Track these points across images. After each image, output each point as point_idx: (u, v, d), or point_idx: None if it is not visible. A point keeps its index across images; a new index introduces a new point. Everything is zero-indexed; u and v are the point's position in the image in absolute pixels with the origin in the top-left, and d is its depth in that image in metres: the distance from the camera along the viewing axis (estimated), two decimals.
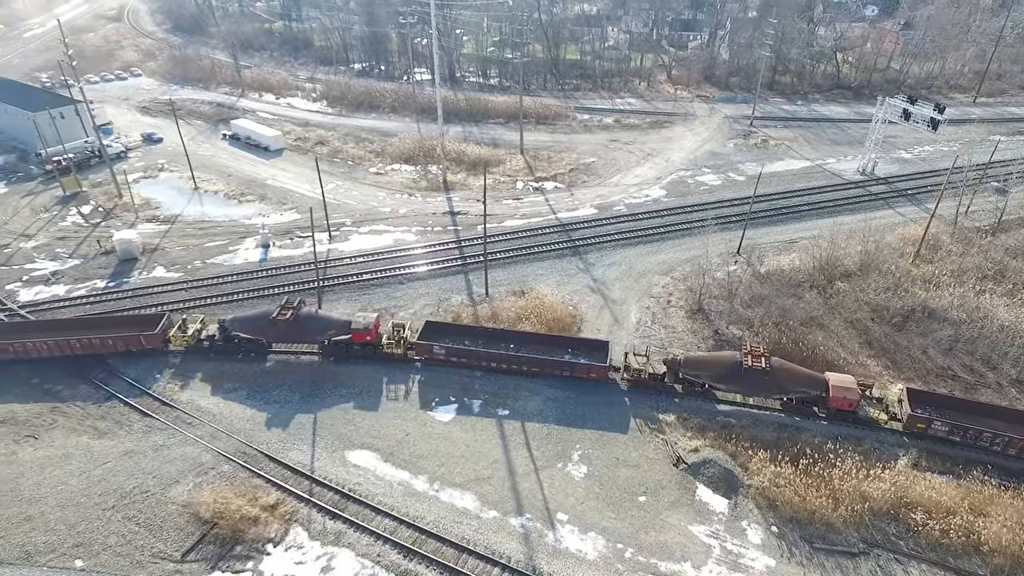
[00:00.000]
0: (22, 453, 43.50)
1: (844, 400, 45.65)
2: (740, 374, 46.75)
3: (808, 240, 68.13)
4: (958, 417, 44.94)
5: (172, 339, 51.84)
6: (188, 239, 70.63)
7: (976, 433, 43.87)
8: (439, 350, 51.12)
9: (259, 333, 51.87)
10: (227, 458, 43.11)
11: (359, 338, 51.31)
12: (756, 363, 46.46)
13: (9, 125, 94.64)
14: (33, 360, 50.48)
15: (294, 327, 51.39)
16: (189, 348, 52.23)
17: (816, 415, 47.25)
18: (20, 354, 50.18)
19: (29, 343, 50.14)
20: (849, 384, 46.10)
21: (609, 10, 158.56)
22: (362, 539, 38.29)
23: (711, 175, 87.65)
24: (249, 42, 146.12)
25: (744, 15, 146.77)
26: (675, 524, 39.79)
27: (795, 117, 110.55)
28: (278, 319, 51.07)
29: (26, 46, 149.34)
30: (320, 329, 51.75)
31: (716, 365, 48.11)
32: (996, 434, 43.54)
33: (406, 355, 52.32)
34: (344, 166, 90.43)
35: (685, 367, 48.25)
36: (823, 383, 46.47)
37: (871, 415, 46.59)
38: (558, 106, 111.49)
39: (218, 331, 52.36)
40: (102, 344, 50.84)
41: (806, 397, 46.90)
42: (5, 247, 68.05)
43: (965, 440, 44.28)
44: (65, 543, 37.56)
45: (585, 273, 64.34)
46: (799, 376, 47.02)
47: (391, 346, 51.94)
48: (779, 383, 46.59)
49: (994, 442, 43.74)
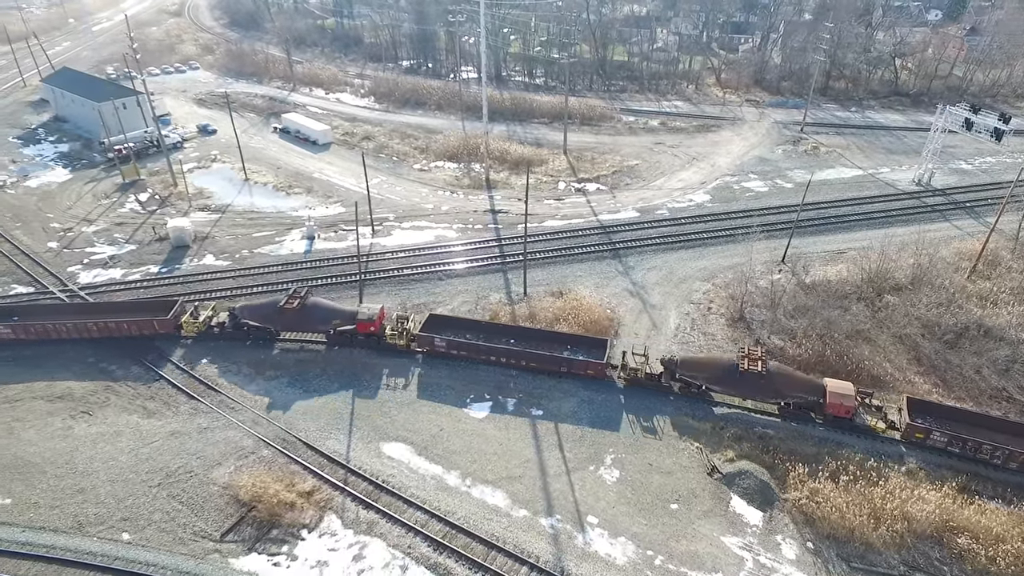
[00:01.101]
0: (77, 428, 45.59)
1: (840, 407, 45.04)
2: (736, 377, 46.55)
3: (857, 251, 66.17)
4: (959, 428, 43.87)
5: (184, 325, 53.56)
6: (237, 228, 72.78)
7: (976, 445, 42.94)
8: (440, 343, 51.73)
9: (267, 321, 53.31)
10: (267, 443, 44.33)
11: (363, 328, 52.29)
12: (752, 366, 46.29)
13: (76, 114, 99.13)
14: (89, 340, 52.89)
15: (301, 316, 52.67)
16: (200, 334, 53.85)
17: (813, 421, 46.63)
18: (41, 335, 52.57)
19: (50, 325, 52.50)
20: (847, 391, 45.48)
21: (659, 11, 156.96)
22: (394, 530, 38.90)
23: (758, 181, 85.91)
24: (302, 38, 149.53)
25: (798, 18, 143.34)
26: (707, 534, 39.23)
27: (848, 124, 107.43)
28: (285, 308, 52.46)
29: (94, 39, 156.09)
30: (326, 318, 52.89)
31: (713, 367, 47.94)
32: (996, 446, 42.55)
33: (408, 347, 53.01)
34: (389, 162, 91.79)
35: (682, 368, 48.22)
36: (820, 389, 45.94)
37: (868, 423, 45.69)
38: (603, 107, 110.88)
39: (228, 318, 53.97)
40: (117, 328, 52.90)
41: (803, 402, 46.36)
42: (68, 231, 71.34)
43: (964, 452, 43.41)
44: (114, 516, 39.23)
45: (624, 276, 63.88)
46: (796, 381, 46.65)
47: (394, 337, 52.82)
48: (775, 387, 46.23)
49: (994, 455, 42.82)
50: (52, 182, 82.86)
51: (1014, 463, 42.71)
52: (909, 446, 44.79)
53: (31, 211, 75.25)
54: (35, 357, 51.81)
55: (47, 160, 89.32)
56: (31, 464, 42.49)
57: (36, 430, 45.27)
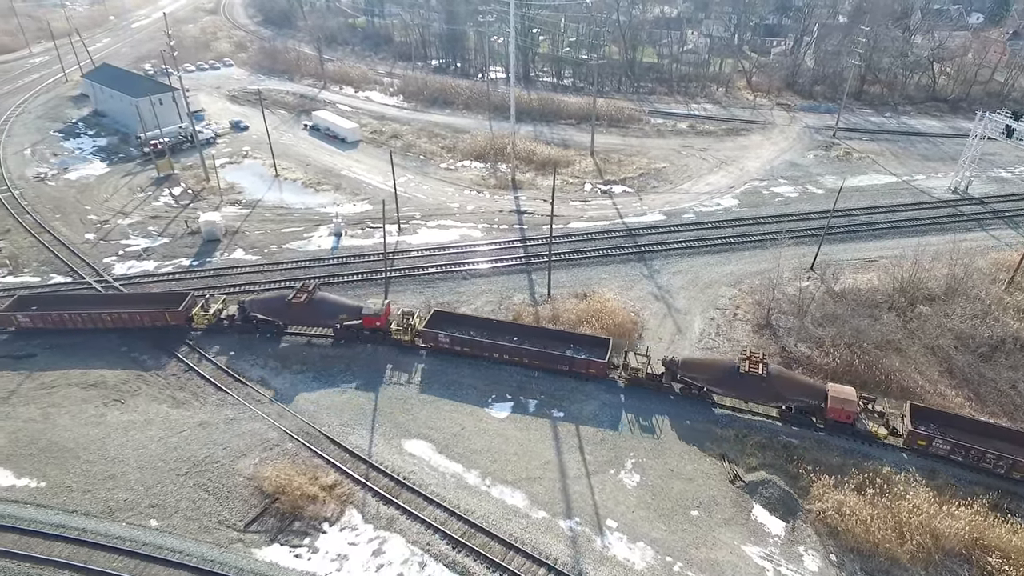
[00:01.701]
0: (109, 416, 46.80)
1: (842, 412, 44.56)
2: (737, 379, 46.32)
3: (889, 259, 64.80)
4: (962, 436, 43.20)
5: (194, 317, 54.55)
6: (267, 224, 73.99)
7: (979, 454, 42.35)
8: (444, 338, 52.08)
9: (275, 315, 54.08)
10: (291, 436, 45.01)
11: (369, 323, 52.85)
12: (753, 369, 46.02)
13: (114, 109, 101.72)
14: (122, 330, 54.27)
15: (308, 310, 53.33)
16: (210, 326, 54.79)
17: (814, 425, 46.19)
18: (58, 324, 53.96)
19: (65, 315, 53.88)
20: (849, 396, 44.91)
21: (690, 13, 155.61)
22: (413, 527, 39.22)
23: (787, 186, 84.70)
24: (333, 36, 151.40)
25: (833, 21, 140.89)
26: (727, 542, 38.84)
27: (882, 129, 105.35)
28: (293, 302, 53.17)
29: (133, 36, 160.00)
30: (333, 313, 53.49)
31: (713, 369, 47.78)
32: (1000, 456, 41.92)
33: (413, 342, 53.44)
34: (416, 160, 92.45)
35: (683, 369, 48.14)
36: (822, 393, 45.50)
37: (870, 429, 45.09)
38: (631, 109, 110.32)
39: (238, 311, 54.89)
40: (130, 319, 54.10)
41: (804, 406, 45.90)
42: (105, 223, 73.23)
43: (967, 460, 42.77)
44: (142, 502, 40.20)
45: (649, 280, 63.49)
46: (797, 384, 46.29)
47: (399, 332, 53.24)
48: (776, 390, 45.94)
49: (997, 464, 42.17)
50: (90, 175, 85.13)
51: (1018, 473, 41.98)
52: (911, 453, 44.21)
53: (70, 203, 77.40)
54: (71, 346, 53.30)
55: (86, 153, 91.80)
56: (65, 449, 43.74)
57: (71, 416, 46.60)
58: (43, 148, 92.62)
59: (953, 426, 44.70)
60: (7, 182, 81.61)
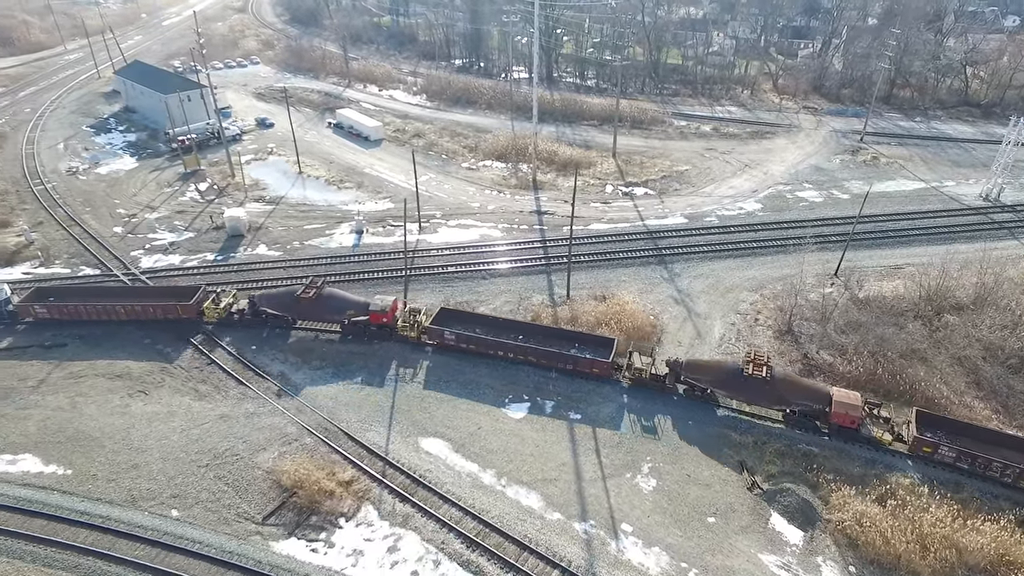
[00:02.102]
0: (134, 406, 47.74)
1: (846, 416, 44.11)
2: (740, 381, 46.18)
3: (916, 267, 63.63)
4: (969, 444, 42.68)
5: (205, 311, 55.35)
6: (289, 220, 74.87)
7: (985, 462, 41.78)
8: (450, 336, 52.47)
9: (284, 309, 54.69)
10: (310, 431, 45.50)
11: (376, 319, 53.29)
12: (757, 371, 45.83)
13: (144, 106, 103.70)
14: (146, 322, 55.39)
15: (316, 305, 53.86)
16: (220, 320, 55.54)
17: (818, 429, 45.81)
18: (73, 315, 55.13)
19: (81, 306, 55.09)
20: (853, 401, 44.46)
21: (715, 14, 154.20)
22: (428, 525, 39.41)
23: (812, 191, 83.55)
24: (358, 35, 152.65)
25: (863, 23, 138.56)
26: (744, 550, 38.46)
27: (912, 134, 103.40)
28: (302, 297, 53.78)
29: (163, 34, 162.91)
30: (340, 309, 53.93)
31: (717, 371, 47.63)
32: (1007, 464, 41.32)
33: (420, 339, 53.80)
34: (438, 159, 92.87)
35: (687, 370, 48.16)
36: (826, 397, 45.09)
37: (874, 434, 44.58)
38: (655, 111, 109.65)
39: (248, 306, 55.57)
40: (143, 311, 55.18)
41: (808, 410, 45.59)
42: (133, 216, 74.70)
43: (974, 469, 42.27)
44: (164, 492, 40.94)
45: (670, 283, 63.07)
46: (801, 388, 45.97)
47: (405, 329, 53.60)
48: (779, 393, 45.72)
49: (1004, 473, 41.62)
50: (120, 169, 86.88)
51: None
52: (916, 460, 43.76)
53: (100, 197, 79.07)
54: (99, 337, 54.46)
55: (116, 148, 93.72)
56: (91, 438, 44.70)
57: (97, 406, 47.62)
58: (75, 143, 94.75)
59: (961, 434, 44.04)
60: (40, 176, 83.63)
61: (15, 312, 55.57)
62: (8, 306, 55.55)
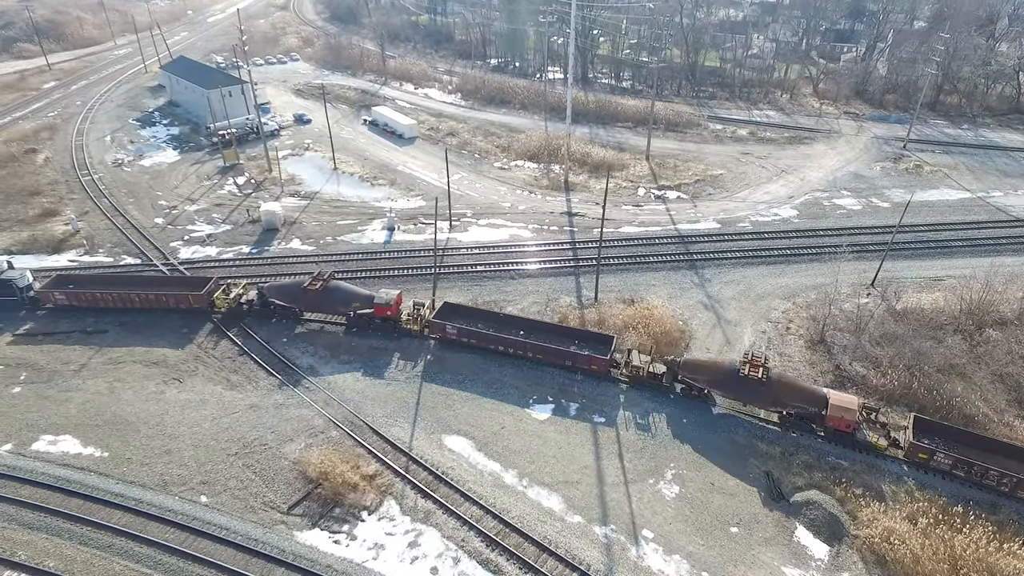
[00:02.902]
0: (168, 393, 49.16)
1: (842, 420, 43.91)
2: (737, 381, 46.21)
3: (957, 279, 61.65)
4: (967, 452, 42.23)
5: (216, 301, 56.62)
6: (323, 215, 76.11)
7: (982, 470, 41.38)
8: (451, 330, 53.22)
9: (292, 301, 55.82)
10: (336, 425, 46.24)
11: (380, 312, 54.39)
12: (753, 372, 45.79)
13: (188, 100, 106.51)
14: (184, 312, 56.96)
15: (323, 297, 54.93)
16: (230, 310, 56.80)
17: (814, 432, 45.71)
18: (91, 303, 57.00)
19: (98, 294, 56.96)
20: (849, 405, 44.23)
21: (756, 16, 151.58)
22: (449, 522, 39.71)
23: (851, 198, 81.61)
24: (396, 33, 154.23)
25: (910, 27, 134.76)
26: (767, 562, 37.85)
27: (958, 142, 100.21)
28: (309, 289, 54.84)
29: (208, 30, 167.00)
30: (346, 301, 54.91)
31: (714, 371, 47.67)
32: (1004, 473, 40.86)
33: (423, 332, 54.70)
34: (471, 158, 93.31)
35: (684, 369, 48.24)
36: (822, 400, 44.92)
37: (870, 439, 44.34)
38: (690, 113, 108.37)
39: (256, 296, 56.85)
40: (156, 300, 56.83)
41: (804, 413, 45.59)
42: (173, 208, 76.83)
43: (970, 476, 41.88)
44: (195, 478, 42.08)
45: (700, 289, 62.33)
46: (797, 390, 45.88)
47: (409, 322, 54.61)
48: (775, 395, 45.67)
49: (1001, 481, 41.13)
50: (162, 162, 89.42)
51: (1022, 492, 40.74)
52: (912, 467, 43.32)
53: (143, 188, 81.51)
54: (137, 324, 56.25)
55: (160, 141, 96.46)
56: (127, 423, 46.18)
57: (133, 391, 49.16)
58: (121, 135, 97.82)
59: (959, 441, 43.46)
60: (88, 167, 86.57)
61: (36, 298, 57.90)
62: (30, 292, 57.92)
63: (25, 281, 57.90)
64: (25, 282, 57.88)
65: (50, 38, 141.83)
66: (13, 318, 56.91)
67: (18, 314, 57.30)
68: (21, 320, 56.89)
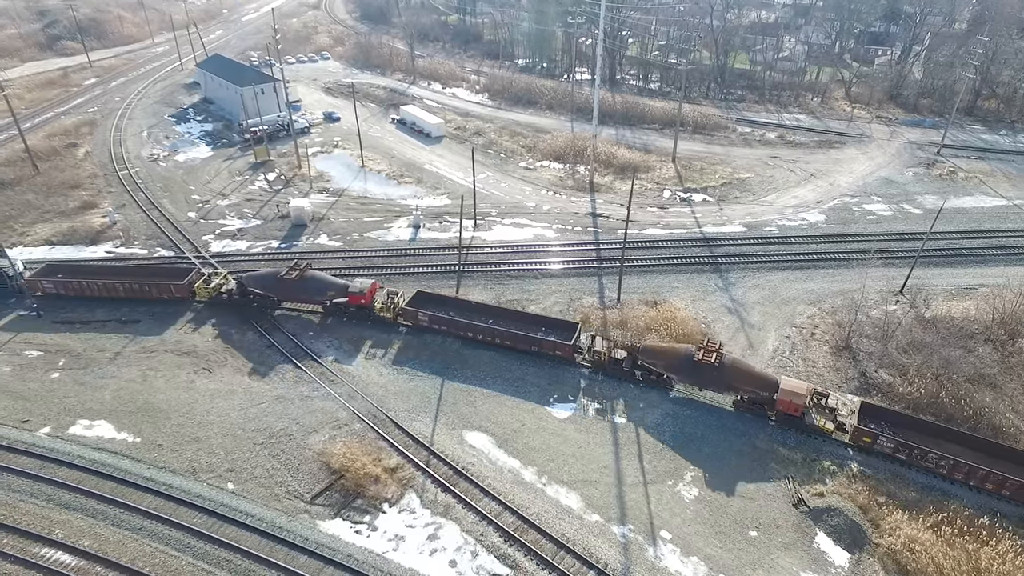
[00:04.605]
0: (198, 383, 50.51)
1: (790, 404, 45.40)
2: (692, 367, 47.62)
3: (990, 288, 60.44)
4: (911, 436, 43.58)
5: (197, 290, 58.13)
6: (350, 212, 77.31)
7: (921, 453, 42.76)
8: (423, 316, 54.98)
9: (269, 290, 57.28)
10: (359, 418, 47.09)
11: (355, 300, 55.94)
12: (707, 357, 47.21)
13: (222, 97, 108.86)
14: (216, 304, 58.44)
15: (300, 286, 56.48)
16: (211, 299, 58.45)
17: (766, 416, 47.27)
18: (77, 292, 58.72)
19: (84, 283, 58.67)
20: (798, 390, 45.70)
21: (788, 19, 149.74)
22: (468, 516, 40.23)
23: (881, 204, 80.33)
24: (425, 33, 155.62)
25: (948, 29, 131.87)
26: (786, 567, 37.66)
27: (995, 148, 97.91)
28: (286, 278, 56.30)
29: (242, 28, 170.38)
30: (322, 290, 56.49)
31: (670, 356, 49.00)
32: (941, 456, 42.23)
33: (396, 320, 56.34)
34: (496, 158, 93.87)
35: (643, 355, 49.77)
36: (773, 385, 46.34)
37: (817, 423, 45.55)
38: (718, 116, 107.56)
39: (236, 286, 58.42)
40: (140, 290, 58.57)
41: (756, 397, 47.04)
42: (206, 203, 78.73)
43: (911, 459, 43.23)
44: (222, 466, 43.24)
45: (723, 292, 62.00)
46: (749, 375, 47.20)
47: (383, 310, 56.03)
48: (728, 380, 47.04)
49: (939, 464, 42.48)
50: (196, 157, 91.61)
51: (959, 474, 42.13)
52: (857, 451, 44.73)
53: (177, 183, 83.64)
54: (169, 314, 57.81)
55: (194, 137, 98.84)
56: (159, 410, 47.61)
57: (165, 380, 50.63)
58: (158, 131, 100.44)
59: (906, 426, 44.82)
60: (125, 161, 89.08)
61: (26, 287, 59.74)
62: (21, 280, 59.93)
63: (15, 270, 59.84)
64: (15, 271, 59.82)
65: (92, 36, 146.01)
66: (2, 305, 58.89)
67: (7, 301, 59.24)
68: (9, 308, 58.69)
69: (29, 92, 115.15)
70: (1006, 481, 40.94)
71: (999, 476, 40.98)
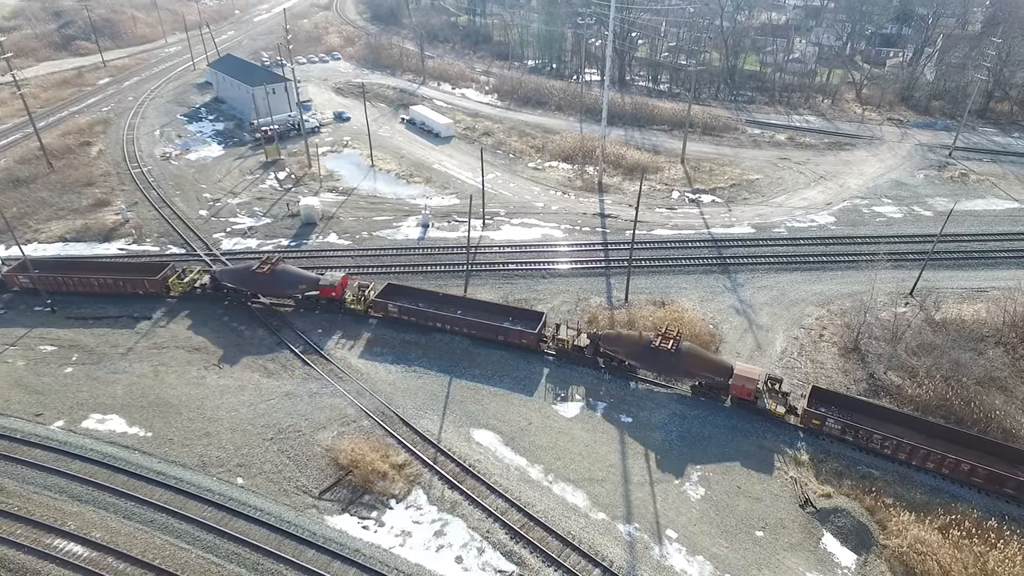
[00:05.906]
0: (209, 378, 51.03)
1: (743, 389, 46.95)
2: (650, 353, 48.93)
3: (1001, 291, 60.06)
4: (859, 419, 44.95)
5: (171, 285, 58.78)
6: (360, 211, 77.77)
7: (867, 435, 44.23)
8: (393, 308, 55.97)
9: (242, 284, 57.89)
10: (367, 414, 47.43)
11: (325, 293, 56.89)
12: (664, 344, 48.54)
13: (233, 97, 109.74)
14: (222, 301, 58.96)
15: (271, 280, 57.05)
16: (185, 294, 59.07)
17: (721, 401, 48.83)
18: (53, 287, 59.20)
19: (60, 278, 59.26)
20: (751, 375, 47.21)
21: (799, 20, 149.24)
22: (475, 513, 40.45)
23: (891, 206, 79.97)
24: (435, 33, 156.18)
25: (961, 31, 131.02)
26: (792, 567, 37.64)
27: (1008, 151, 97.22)
28: (257, 272, 56.81)
29: (254, 29, 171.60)
30: (293, 283, 57.17)
31: (630, 343, 50.24)
32: (886, 437, 43.71)
33: (367, 312, 57.16)
34: (505, 158, 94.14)
35: (604, 342, 51.00)
36: (728, 371, 47.84)
37: (769, 407, 47.03)
38: (728, 117, 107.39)
39: (209, 280, 59.06)
40: (115, 284, 59.20)
41: (712, 383, 48.51)
42: (217, 201, 79.44)
43: (857, 441, 44.71)
44: (232, 461, 43.69)
45: (732, 293, 61.95)
46: (705, 362, 48.55)
47: (353, 303, 56.95)
48: (685, 366, 48.32)
49: (884, 445, 43.94)
50: (207, 156, 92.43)
51: (902, 454, 43.56)
52: (807, 433, 46.22)
53: (189, 181, 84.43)
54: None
55: (205, 136, 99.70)
56: (170, 405, 48.14)
57: (176, 376, 51.18)
58: (170, 130, 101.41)
59: (854, 410, 46.30)
60: (138, 159, 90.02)
61: (3, 281, 60.51)
62: None
63: None
64: None
65: (106, 36, 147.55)
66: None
67: None
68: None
69: (44, 91, 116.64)
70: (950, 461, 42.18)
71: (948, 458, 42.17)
